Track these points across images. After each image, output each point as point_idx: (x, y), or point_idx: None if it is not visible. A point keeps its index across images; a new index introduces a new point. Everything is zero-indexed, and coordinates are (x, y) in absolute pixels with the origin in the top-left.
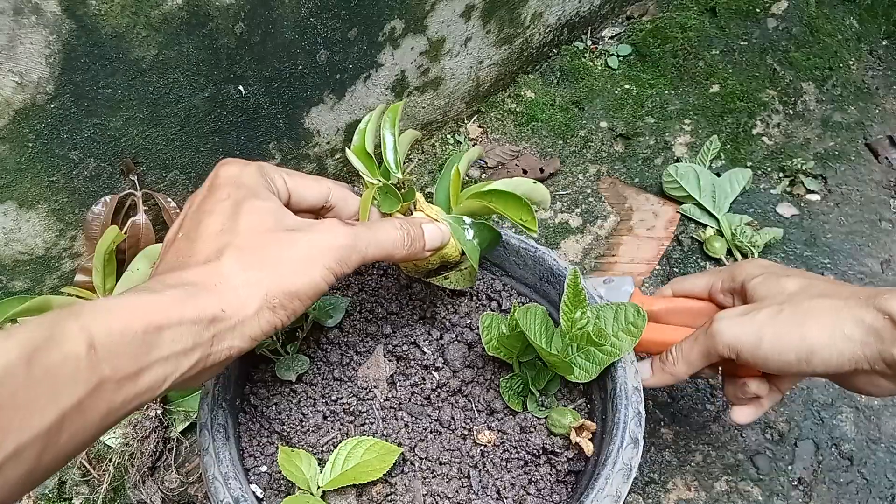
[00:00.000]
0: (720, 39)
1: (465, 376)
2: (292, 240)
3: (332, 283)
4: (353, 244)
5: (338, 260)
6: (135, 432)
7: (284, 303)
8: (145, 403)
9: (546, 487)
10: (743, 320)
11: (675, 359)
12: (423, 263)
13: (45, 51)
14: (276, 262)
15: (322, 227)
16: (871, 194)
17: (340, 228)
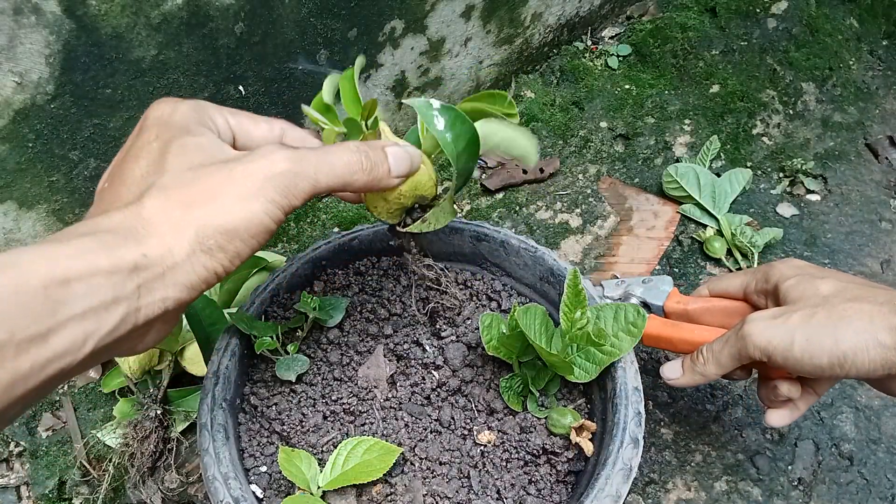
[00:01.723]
0: (720, 39)
1: (464, 376)
2: (226, 171)
3: (279, 218)
4: (297, 169)
5: (281, 189)
6: (135, 432)
7: (222, 243)
8: (72, 370)
9: (546, 487)
10: (776, 323)
11: (706, 359)
12: (395, 199)
13: (45, 51)
14: (207, 198)
15: (260, 152)
16: (871, 194)
17: (282, 152)
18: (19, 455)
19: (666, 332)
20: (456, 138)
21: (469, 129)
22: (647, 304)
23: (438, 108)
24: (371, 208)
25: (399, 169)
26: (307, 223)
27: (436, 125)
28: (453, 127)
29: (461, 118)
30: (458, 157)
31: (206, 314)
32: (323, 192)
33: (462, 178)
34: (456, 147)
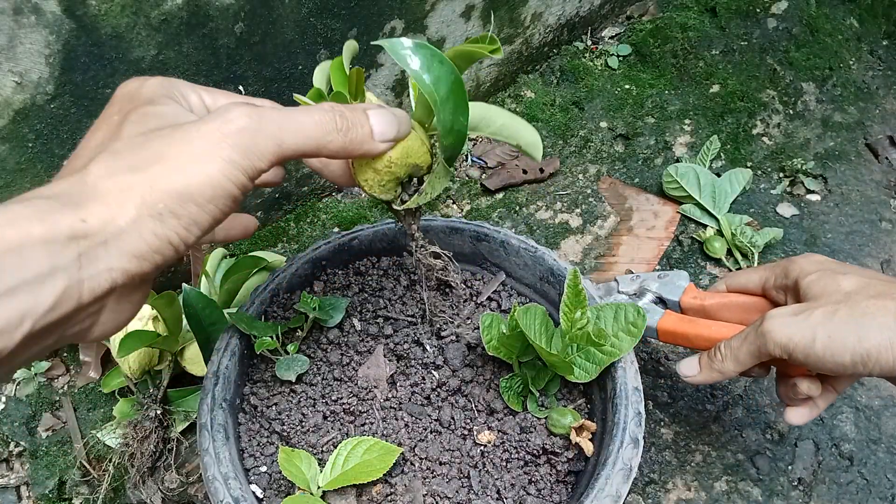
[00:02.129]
0: (720, 39)
1: (464, 376)
2: (180, 133)
3: (242, 183)
4: (258, 127)
5: (241, 149)
6: (135, 432)
7: (173, 208)
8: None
9: (546, 487)
10: (796, 320)
11: (724, 356)
12: (385, 168)
13: (45, 51)
14: (157, 160)
15: (218, 111)
16: (871, 194)
17: (241, 109)
18: (19, 455)
19: (682, 328)
20: (436, 82)
21: (450, 72)
22: (663, 299)
23: (412, 47)
24: (361, 183)
25: (384, 132)
26: (307, 223)
27: (410, 64)
28: (431, 69)
29: (439, 58)
30: (443, 106)
31: (206, 314)
32: (292, 155)
33: (453, 134)
34: (437, 92)
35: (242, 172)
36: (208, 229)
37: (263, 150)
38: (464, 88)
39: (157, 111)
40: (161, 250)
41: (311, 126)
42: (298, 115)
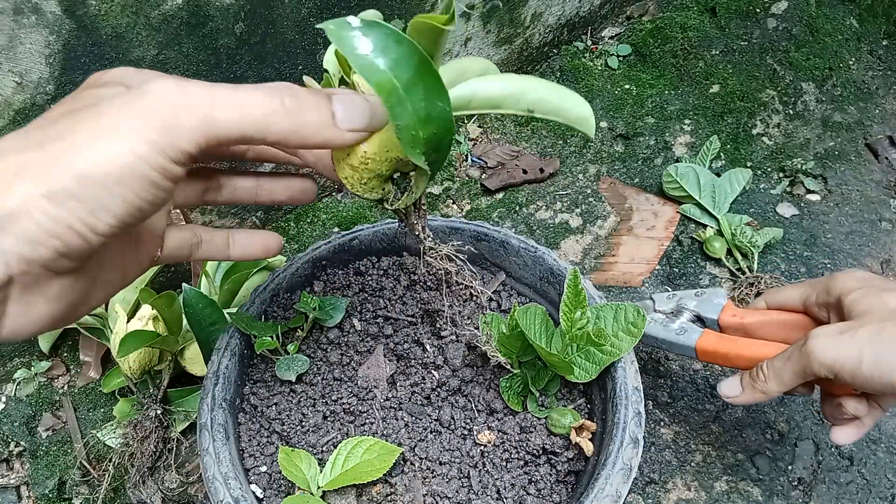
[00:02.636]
0: (720, 39)
1: (464, 376)
2: (94, 108)
3: (163, 166)
4: (183, 101)
5: (159, 126)
6: (135, 432)
7: (72, 189)
8: None
9: (546, 487)
10: (841, 339)
11: (767, 376)
12: (362, 164)
13: (45, 51)
14: (60, 136)
15: (142, 85)
16: (871, 194)
17: (166, 81)
18: (19, 455)
19: (722, 348)
20: (395, 65)
21: (412, 51)
22: (702, 317)
23: (360, 27)
24: (343, 181)
25: (351, 119)
26: (307, 223)
27: (357, 49)
28: (387, 50)
29: (396, 36)
30: (410, 91)
31: (206, 314)
32: (227, 138)
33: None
34: (397, 77)
35: (160, 153)
36: (129, 217)
37: (187, 128)
38: (433, 68)
39: (95, 93)
40: (60, 235)
41: (251, 103)
42: (238, 90)
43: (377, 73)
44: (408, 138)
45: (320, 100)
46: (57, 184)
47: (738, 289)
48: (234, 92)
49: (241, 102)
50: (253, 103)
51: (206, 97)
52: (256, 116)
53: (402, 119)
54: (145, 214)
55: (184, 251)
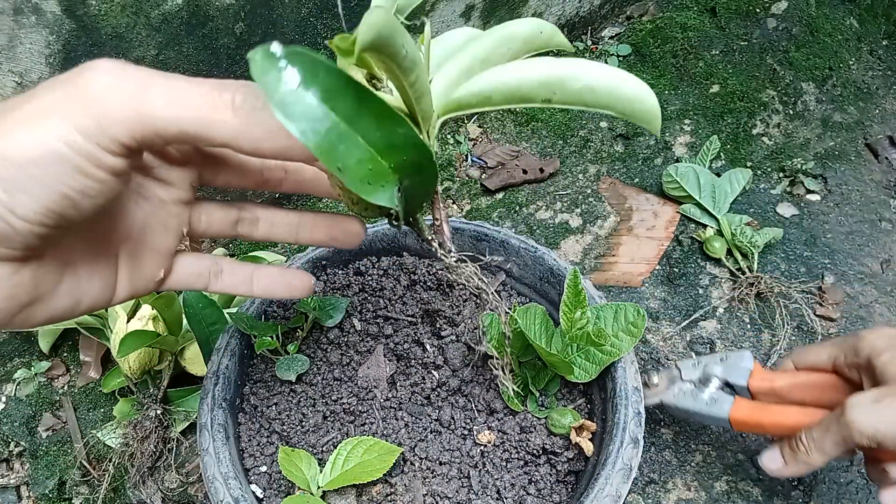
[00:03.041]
0: (720, 39)
1: (464, 376)
2: (31, 92)
3: (89, 153)
4: (117, 87)
5: (90, 110)
6: (135, 432)
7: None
8: None
9: (546, 487)
10: (879, 407)
11: (808, 448)
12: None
13: (45, 51)
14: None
15: (82, 69)
16: (871, 194)
17: (105, 63)
18: (19, 455)
19: (756, 417)
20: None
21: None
22: (731, 384)
23: (285, 55)
24: (347, 204)
25: None
26: None
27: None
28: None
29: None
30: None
31: (206, 314)
32: (164, 132)
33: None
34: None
35: (88, 140)
36: (55, 205)
37: (119, 116)
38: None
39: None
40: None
41: (191, 95)
42: (179, 80)
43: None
44: (362, 176)
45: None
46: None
47: (738, 289)
48: (175, 81)
49: (181, 94)
50: (193, 96)
51: (141, 83)
52: (198, 112)
53: (348, 157)
54: (79, 206)
55: (200, 281)
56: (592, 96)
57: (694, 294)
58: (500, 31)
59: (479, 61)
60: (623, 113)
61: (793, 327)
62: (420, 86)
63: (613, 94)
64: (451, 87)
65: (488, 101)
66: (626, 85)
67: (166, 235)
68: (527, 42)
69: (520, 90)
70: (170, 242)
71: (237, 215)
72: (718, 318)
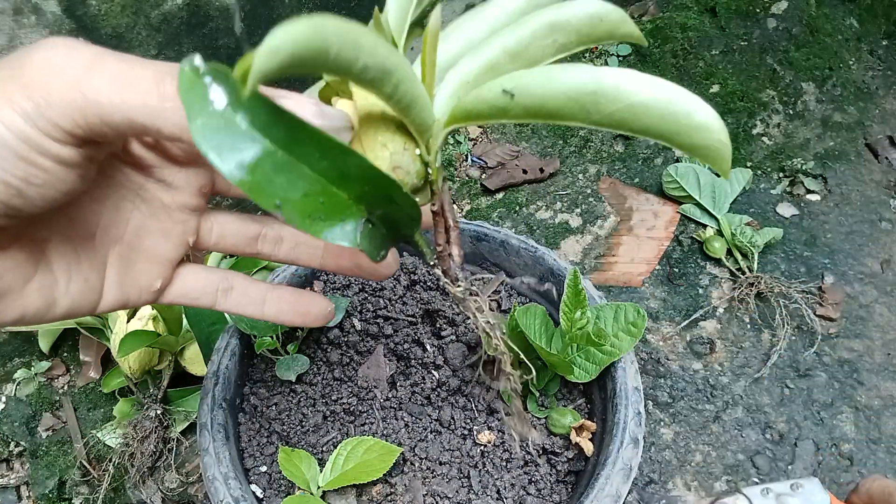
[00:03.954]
0: (720, 39)
1: (464, 376)
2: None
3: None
4: (61, 66)
5: (29, 91)
6: (135, 432)
7: None
8: None
9: (546, 487)
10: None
11: None
12: None
13: None
14: None
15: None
16: (871, 194)
17: (55, 41)
18: (19, 455)
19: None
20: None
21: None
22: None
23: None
24: None
25: None
26: None
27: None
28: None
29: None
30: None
31: (206, 314)
32: (110, 121)
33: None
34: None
35: (28, 123)
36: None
37: (59, 99)
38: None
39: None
40: None
41: (139, 80)
42: (129, 63)
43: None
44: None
45: None
46: None
47: (738, 289)
48: (124, 63)
49: (129, 77)
50: (142, 79)
51: (87, 64)
52: (145, 98)
53: (292, 190)
54: (25, 194)
55: (205, 297)
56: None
57: (694, 294)
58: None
59: (508, 56)
60: (682, 145)
61: (793, 327)
62: (404, 95)
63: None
64: (464, 89)
65: (504, 114)
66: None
67: (166, 243)
68: (581, 33)
69: (545, 105)
70: (170, 251)
71: (258, 231)
72: (718, 318)
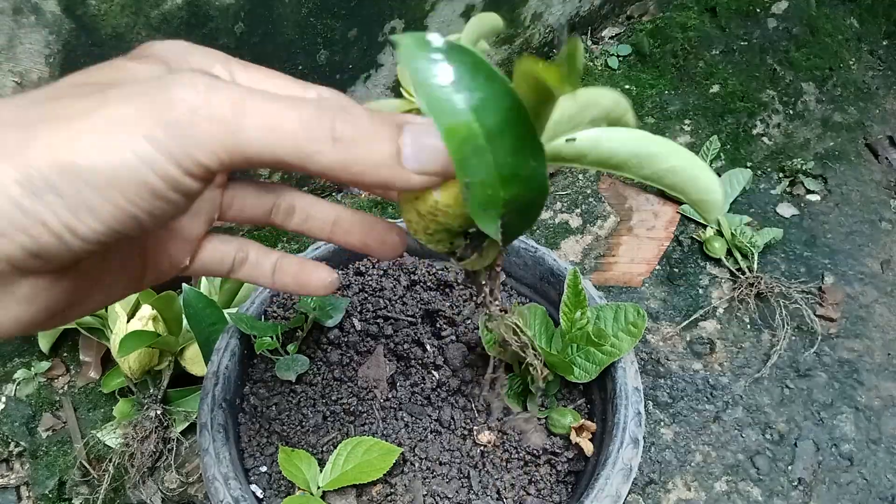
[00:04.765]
0: (720, 39)
1: (465, 376)
2: (108, 91)
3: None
4: (208, 105)
5: (176, 129)
6: (135, 432)
7: (54, 181)
8: None
9: (546, 488)
10: None
11: None
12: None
13: (45, 51)
14: (55, 117)
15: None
16: (871, 194)
17: (196, 77)
18: (19, 455)
19: None
20: (479, 107)
21: (504, 93)
22: None
23: (443, 48)
24: (406, 223)
25: (423, 160)
26: None
27: (433, 78)
28: (473, 86)
29: (486, 70)
30: (491, 142)
31: (206, 314)
32: (258, 159)
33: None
34: (481, 122)
35: (171, 161)
36: (120, 226)
37: (208, 140)
38: (528, 117)
39: (128, 66)
40: (29, 230)
41: (291, 121)
42: (275, 103)
43: (452, 114)
44: (480, 198)
45: (383, 130)
46: (35, 172)
47: (738, 289)
48: (269, 104)
49: (275, 121)
50: (290, 124)
51: (235, 107)
52: (296, 141)
53: (475, 174)
54: (145, 227)
55: (223, 266)
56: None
57: (694, 294)
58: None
59: (566, 118)
60: (692, 201)
61: (793, 328)
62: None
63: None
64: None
65: (581, 160)
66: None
67: (196, 221)
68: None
69: (612, 158)
70: (199, 229)
71: (272, 202)
72: (718, 318)
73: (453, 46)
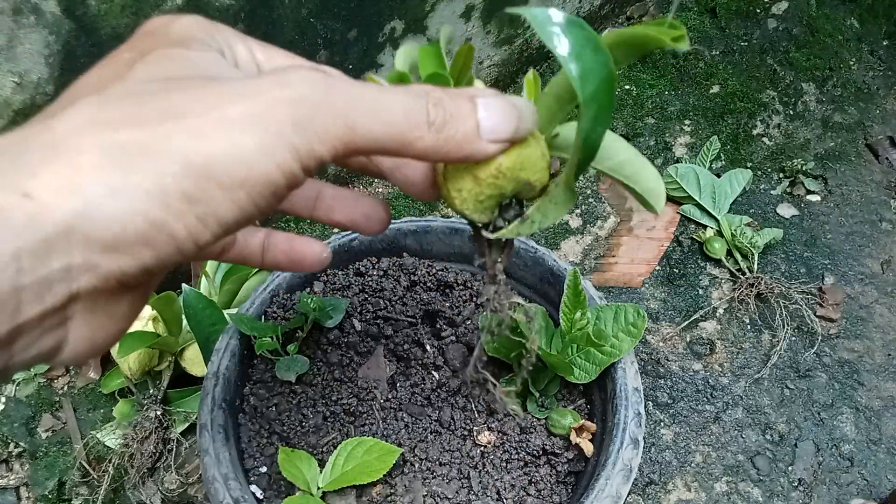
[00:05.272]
0: (720, 40)
1: (465, 376)
2: (214, 86)
3: (290, 170)
4: (325, 99)
5: (298, 123)
6: (134, 433)
7: (185, 186)
8: None
9: (546, 488)
10: None
11: None
12: (490, 178)
13: (45, 51)
14: (174, 115)
15: (274, 71)
16: (872, 195)
17: (305, 72)
18: (19, 456)
19: None
20: (584, 76)
21: (604, 65)
22: None
23: (562, 23)
24: (451, 194)
25: (496, 128)
26: (307, 224)
27: (557, 47)
28: (582, 57)
29: (594, 44)
30: (586, 109)
31: (206, 315)
32: (364, 147)
33: (586, 148)
34: (583, 90)
35: (294, 155)
36: (235, 227)
37: (327, 131)
38: (614, 89)
39: (187, 55)
40: (153, 242)
41: (396, 112)
42: (381, 93)
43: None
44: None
45: (463, 106)
46: (167, 177)
47: (738, 289)
48: (378, 94)
49: (387, 109)
50: (397, 112)
51: (351, 98)
52: (400, 129)
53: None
54: (242, 226)
55: (252, 258)
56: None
57: (694, 295)
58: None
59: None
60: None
61: (793, 328)
62: None
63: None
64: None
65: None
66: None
67: None
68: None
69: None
70: None
71: None
72: (718, 318)
73: (570, 21)
